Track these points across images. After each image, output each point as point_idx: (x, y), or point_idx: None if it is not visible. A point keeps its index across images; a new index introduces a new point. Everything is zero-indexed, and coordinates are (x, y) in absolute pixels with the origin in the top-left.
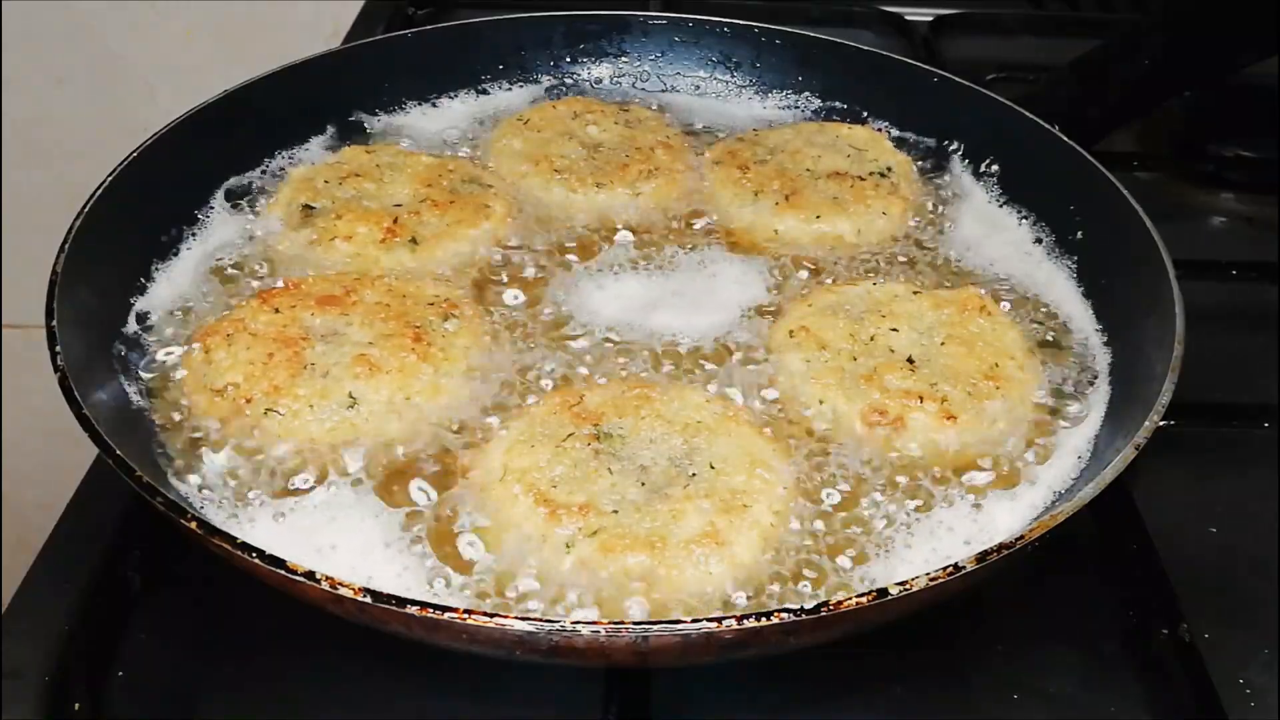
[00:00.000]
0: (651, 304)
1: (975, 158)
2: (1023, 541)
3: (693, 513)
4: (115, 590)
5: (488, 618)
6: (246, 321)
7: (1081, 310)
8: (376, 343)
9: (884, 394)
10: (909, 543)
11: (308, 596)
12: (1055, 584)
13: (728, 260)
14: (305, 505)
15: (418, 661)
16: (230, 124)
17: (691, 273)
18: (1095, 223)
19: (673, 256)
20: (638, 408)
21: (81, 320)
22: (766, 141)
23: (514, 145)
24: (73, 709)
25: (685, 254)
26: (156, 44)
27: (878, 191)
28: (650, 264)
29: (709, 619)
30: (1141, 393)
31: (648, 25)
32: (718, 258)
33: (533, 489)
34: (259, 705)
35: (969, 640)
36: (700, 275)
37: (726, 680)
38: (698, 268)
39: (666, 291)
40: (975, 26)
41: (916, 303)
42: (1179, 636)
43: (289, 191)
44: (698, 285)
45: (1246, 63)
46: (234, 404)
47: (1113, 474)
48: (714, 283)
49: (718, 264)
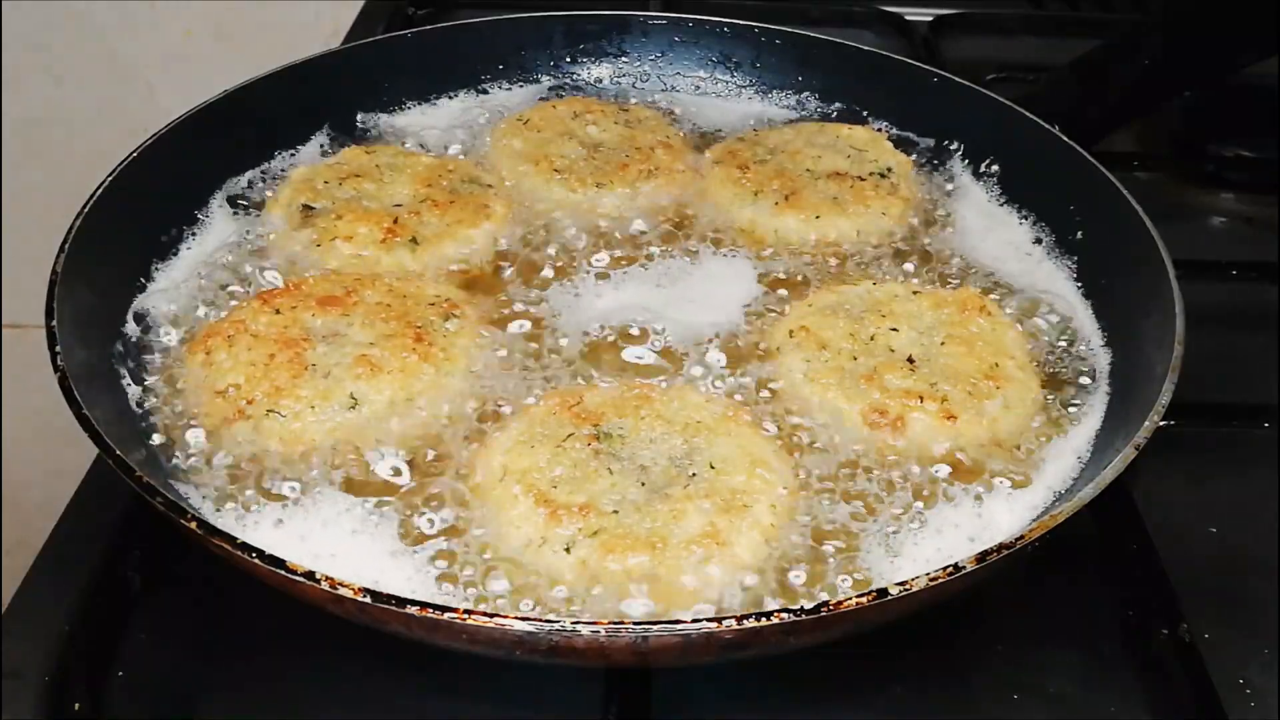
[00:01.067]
0: (651, 303)
1: (975, 158)
2: (1023, 541)
3: (693, 513)
4: (115, 590)
5: (488, 618)
6: (247, 322)
7: (1081, 310)
8: (378, 343)
9: (884, 394)
10: (909, 542)
11: (308, 596)
12: (1055, 584)
13: (727, 260)
14: (306, 507)
15: (418, 661)
16: (230, 124)
17: (691, 272)
18: (1095, 223)
19: (673, 256)
20: (637, 408)
21: (81, 320)
22: (766, 141)
23: (514, 145)
24: (73, 709)
25: (685, 254)
26: (156, 44)
27: (877, 192)
28: (650, 264)
29: (709, 619)
30: (1141, 393)
31: (648, 25)
32: (717, 257)
33: (533, 489)
34: (259, 705)
35: (969, 640)
36: (700, 275)
37: (726, 680)
38: (697, 268)
39: (666, 291)
40: (975, 26)
41: (916, 302)
42: (1179, 636)
43: (289, 192)
44: (697, 285)
45: (1246, 63)
46: (235, 405)
47: (1113, 474)
48: (714, 282)
49: (717, 264)
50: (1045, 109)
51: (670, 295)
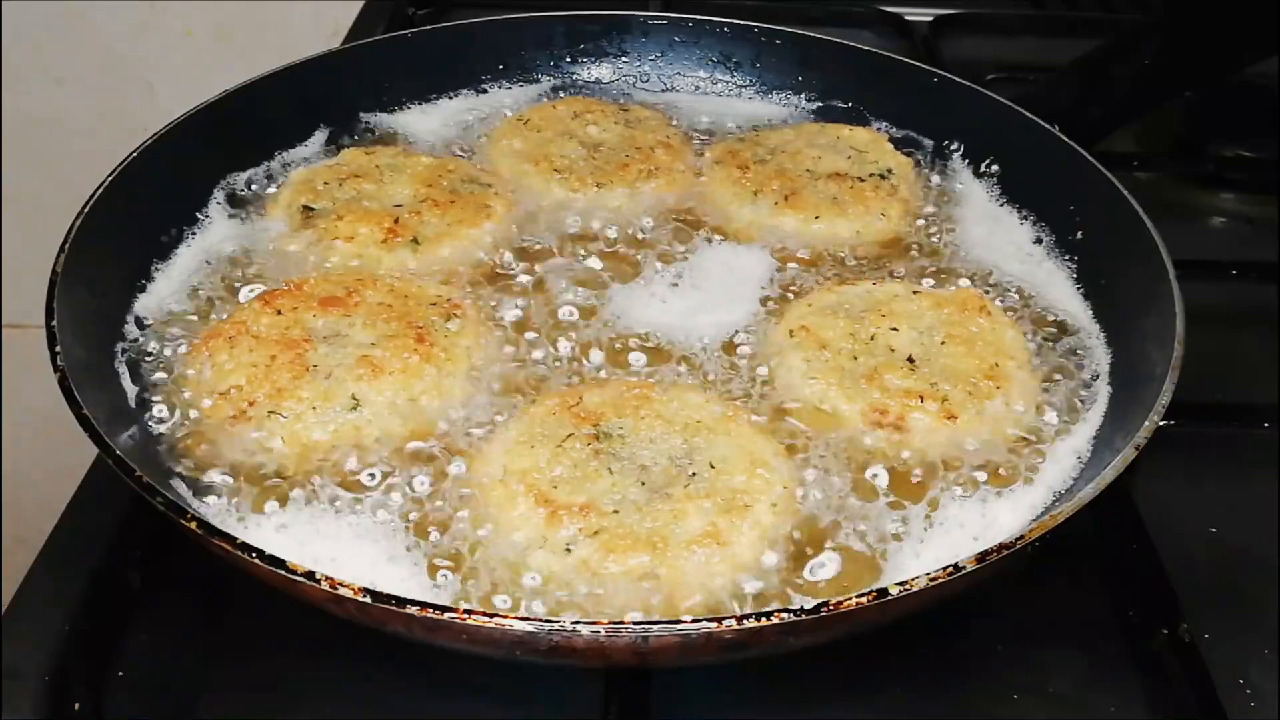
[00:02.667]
0: (651, 303)
1: (975, 158)
2: (1023, 542)
3: (693, 513)
4: (115, 590)
5: (487, 618)
6: (249, 323)
7: (1081, 310)
8: (379, 343)
9: (884, 393)
10: (909, 542)
11: (308, 597)
12: (1055, 584)
13: (727, 260)
14: (306, 507)
15: (418, 662)
16: (230, 124)
17: (692, 272)
18: (1095, 223)
19: (673, 256)
20: (637, 407)
21: (81, 320)
22: (767, 141)
23: (514, 145)
24: (73, 709)
25: (685, 254)
26: (156, 44)
27: (877, 193)
28: (650, 264)
29: (709, 619)
30: (1141, 393)
31: (648, 25)
32: (717, 257)
33: (533, 490)
34: (259, 705)
35: (969, 640)
36: (700, 275)
37: (726, 680)
38: (698, 267)
39: (666, 291)
40: (975, 26)
41: (916, 302)
42: (1179, 636)
43: (289, 193)
44: (698, 285)
45: (1246, 63)
46: (237, 406)
47: (1113, 474)
48: (714, 282)
49: (718, 264)
50: (1045, 109)
51: (670, 295)
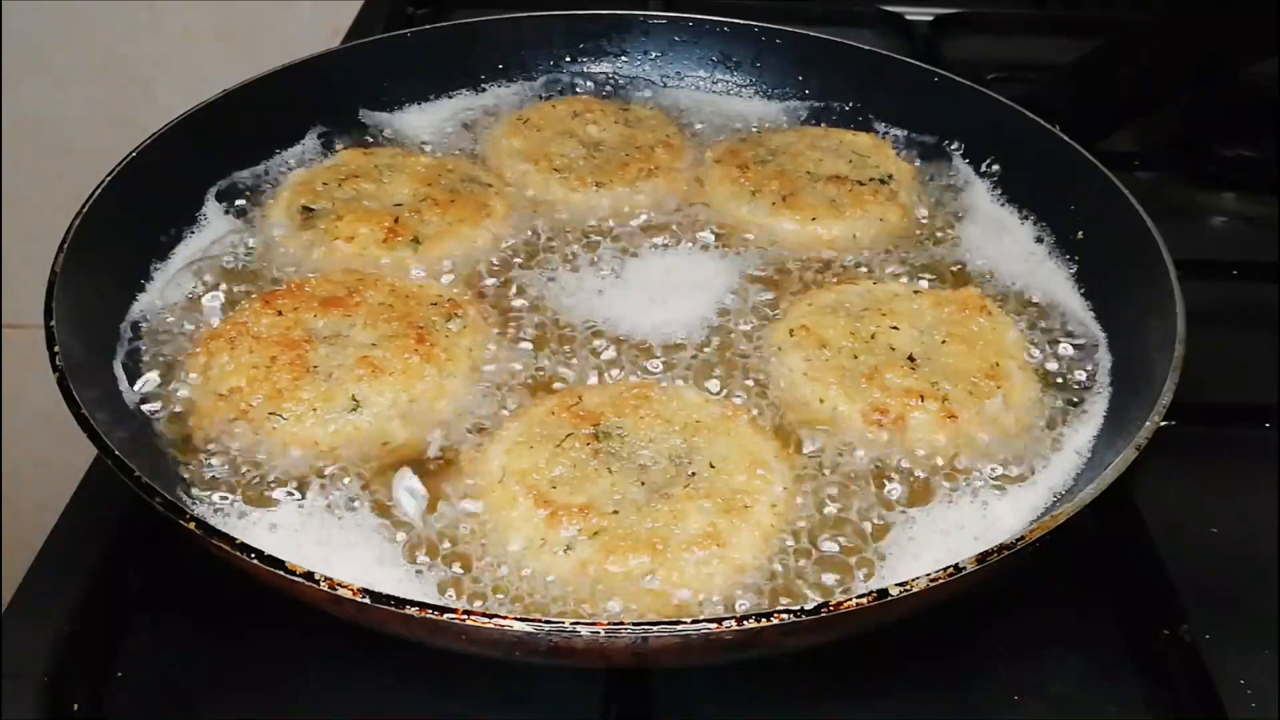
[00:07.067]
0: (651, 303)
1: (976, 157)
2: (1023, 542)
3: (693, 513)
4: (115, 590)
5: (487, 619)
6: (249, 324)
7: (1082, 310)
8: (380, 344)
9: (885, 392)
10: (909, 542)
11: (307, 597)
12: (1055, 584)
13: (728, 260)
14: (307, 508)
15: (418, 662)
16: (229, 124)
17: (692, 272)
18: (1096, 223)
19: (673, 256)
20: (637, 407)
21: (81, 320)
22: (769, 142)
23: (514, 144)
24: (73, 709)
25: (685, 253)
26: (156, 44)
27: (876, 198)
28: (651, 263)
29: (709, 619)
30: (1142, 393)
31: (648, 25)
32: (718, 257)
33: (533, 490)
34: (259, 705)
35: (970, 641)
36: (701, 274)
37: (726, 680)
38: (698, 267)
39: (666, 290)
40: (975, 26)
41: (917, 301)
42: (1179, 636)
43: (288, 194)
44: (698, 284)
45: (1246, 63)
46: (237, 407)
47: (1113, 474)
48: (714, 282)
49: (718, 263)
50: (1045, 109)
51: (670, 294)
